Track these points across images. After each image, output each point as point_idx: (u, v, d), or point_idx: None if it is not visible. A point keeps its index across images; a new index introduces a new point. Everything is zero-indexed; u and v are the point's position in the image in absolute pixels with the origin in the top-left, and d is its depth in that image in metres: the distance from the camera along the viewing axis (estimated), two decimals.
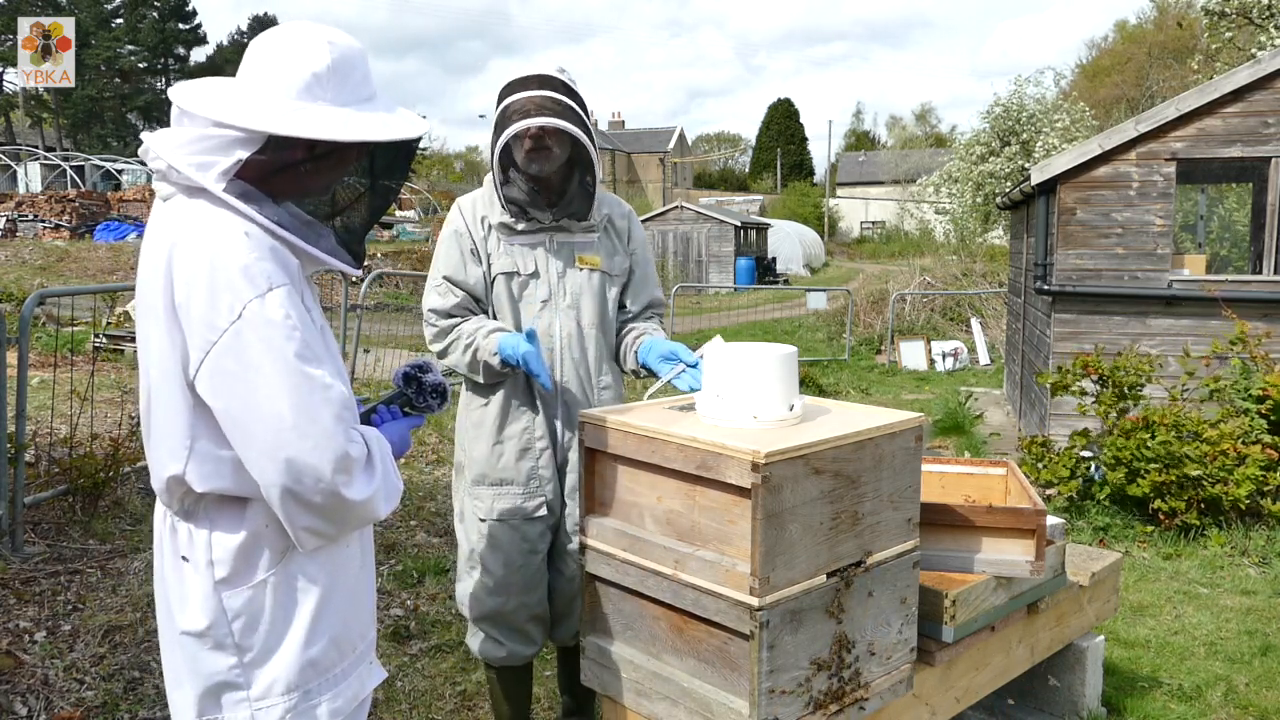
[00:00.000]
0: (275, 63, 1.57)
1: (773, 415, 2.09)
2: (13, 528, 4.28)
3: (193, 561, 1.61)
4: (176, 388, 1.54)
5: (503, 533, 2.67)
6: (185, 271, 1.50)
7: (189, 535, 1.62)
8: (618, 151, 57.36)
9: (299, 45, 1.57)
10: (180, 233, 1.53)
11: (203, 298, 1.48)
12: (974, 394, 10.55)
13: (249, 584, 1.60)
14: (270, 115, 1.53)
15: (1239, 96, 6.70)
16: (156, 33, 52.25)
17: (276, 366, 1.47)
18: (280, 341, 1.48)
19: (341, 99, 1.58)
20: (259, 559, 1.61)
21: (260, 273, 1.49)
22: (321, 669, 1.66)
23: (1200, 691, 3.58)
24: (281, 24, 1.65)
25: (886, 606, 2.17)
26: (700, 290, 25.20)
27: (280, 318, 1.48)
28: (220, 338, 1.47)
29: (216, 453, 1.56)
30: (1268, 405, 5.64)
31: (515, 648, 2.75)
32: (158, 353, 1.56)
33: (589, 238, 2.70)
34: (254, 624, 1.61)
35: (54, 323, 10.72)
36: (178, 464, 1.56)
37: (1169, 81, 32.72)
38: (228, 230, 1.51)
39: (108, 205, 23.71)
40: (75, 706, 3.14)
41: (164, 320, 1.53)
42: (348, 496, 1.52)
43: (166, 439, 1.58)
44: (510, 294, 2.65)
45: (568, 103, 2.47)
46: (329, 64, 1.57)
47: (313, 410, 1.48)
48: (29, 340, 4.59)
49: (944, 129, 61.76)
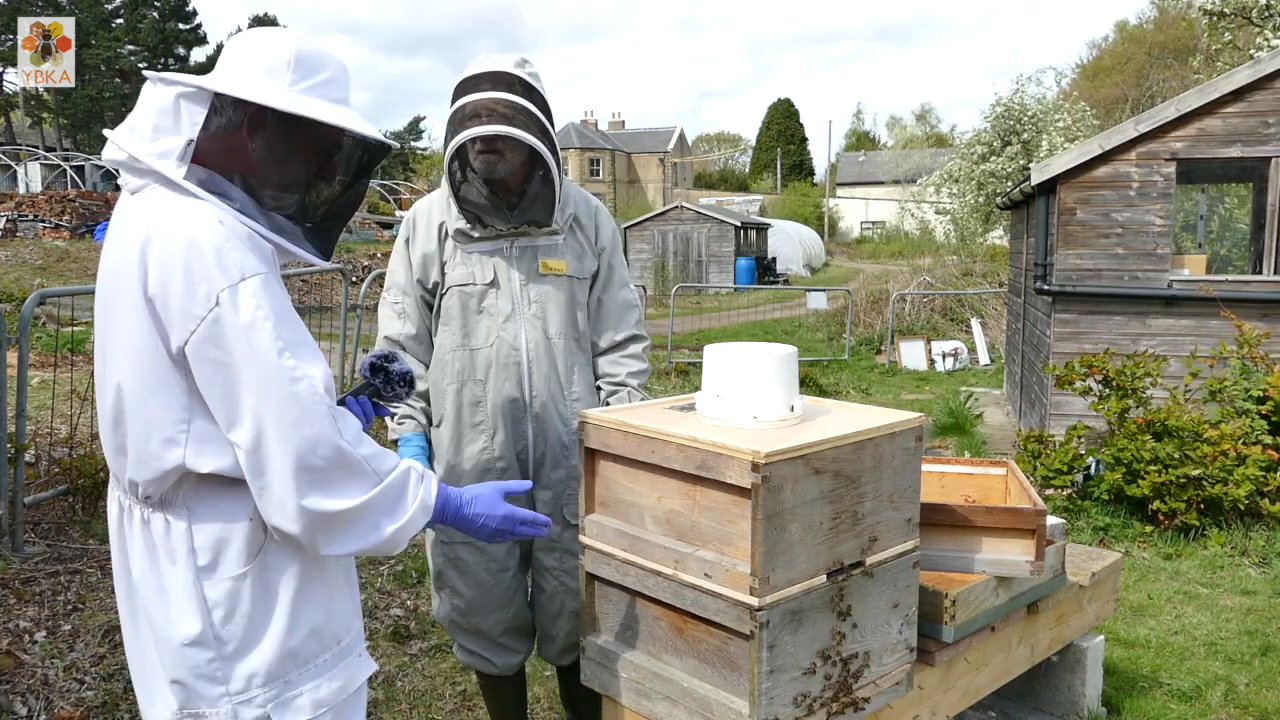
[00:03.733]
0: (242, 54, 1.63)
1: (773, 415, 2.09)
2: (13, 528, 4.28)
3: (170, 553, 1.60)
4: (164, 374, 1.54)
5: (468, 554, 2.57)
6: (160, 260, 1.50)
7: (165, 527, 1.60)
8: (618, 151, 57.36)
9: (268, 36, 1.64)
10: (153, 223, 1.53)
11: (179, 287, 1.49)
12: (974, 394, 10.55)
13: (229, 575, 1.60)
14: (219, 79, 1.58)
15: (1239, 96, 6.70)
16: (156, 33, 52.21)
17: (253, 359, 1.48)
18: (254, 332, 1.49)
19: (301, 88, 1.61)
20: (239, 549, 1.60)
21: (234, 262, 1.50)
22: (302, 660, 1.65)
23: (1200, 692, 3.58)
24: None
25: (886, 607, 2.17)
26: (700, 290, 25.20)
27: (250, 307, 1.49)
28: (198, 326, 1.48)
29: (215, 431, 1.56)
30: (1268, 406, 5.64)
31: (499, 660, 2.68)
32: (133, 345, 1.55)
33: (553, 240, 2.53)
34: (232, 615, 1.60)
35: (54, 323, 10.72)
36: (176, 450, 1.55)
37: (1169, 81, 32.72)
38: (201, 218, 1.52)
39: (108, 205, 23.69)
40: (75, 706, 3.14)
41: (142, 310, 1.53)
42: (323, 509, 1.52)
43: (156, 429, 1.56)
44: (463, 307, 2.51)
45: (523, 104, 2.32)
46: (294, 53, 1.62)
47: (288, 401, 1.49)
48: (29, 340, 4.59)
49: (944, 129, 61.79)
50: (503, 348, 2.52)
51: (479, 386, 2.53)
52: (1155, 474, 5.40)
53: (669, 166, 60.74)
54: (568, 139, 53.31)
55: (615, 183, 54.68)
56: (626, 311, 2.70)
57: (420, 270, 2.56)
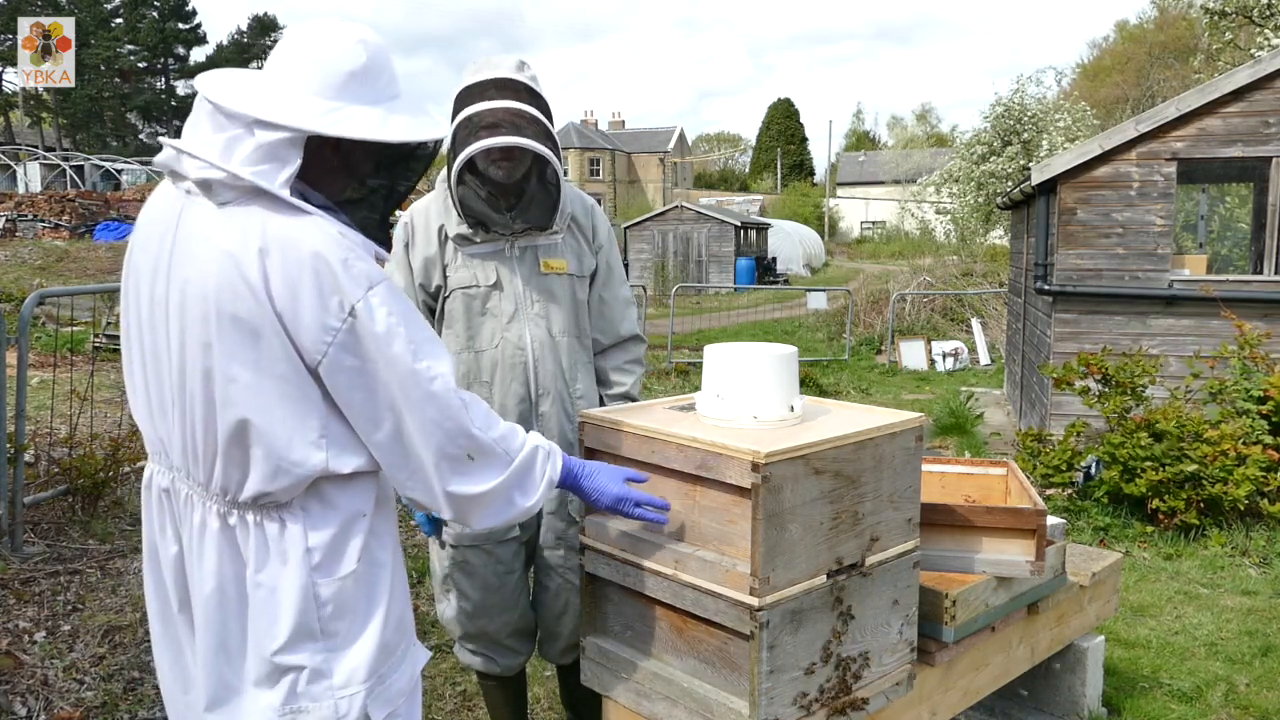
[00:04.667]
0: (309, 60, 1.59)
1: (773, 415, 2.09)
2: (13, 528, 4.28)
3: (282, 554, 1.62)
4: (301, 385, 1.57)
5: (475, 557, 2.58)
6: (285, 275, 1.52)
7: (280, 529, 1.62)
8: (618, 151, 57.35)
9: (333, 43, 1.60)
10: (268, 238, 1.53)
11: (310, 300, 1.52)
12: (974, 394, 10.55)
13: (341, 575, 1.65)
14: (312, 115, 1.56)
15: (1239, 96, 6.70)
16: (156, 32, 52.20)
17: (391, 365, 1.56)
18: (391, 339, 1.56)
19: (373, 98, 1.62)
20: (352, 549, 1.66)
21: (361, 271, 1.55)
22: (390, 650, 1.72)
23: (1200, 692, 3.57)
24: (313, 20, 1.66)
25: (887, 607, 2.17)
26: (700, 290, 25.20)
27: (383, 315, 1.56)
28: (335, 337, 1.54)
29: (349, 432, 1.62)
30: (1269, 406, 5.64)
31: (503, 661, 2.70)
32: (259, 360, 1.55)
33: (553, 239, 2.55)
34: (341, 613, 1.65)
35: (54, 323, 10.72)
36: (319, 454, 1.59)
37: (1169, 81, 32.72)
38: (320, 231, 1.55)
39: (107, 205, 23.71)
40: (75, 706, 3.13)
41: (271, 325, 1.53)
42: (465, 492, 1.66)
43: (298, 437, 1.58)
44: (467, 309, 2.53)
45: (533, 113, 2.34)
46: (364, 63, 1.60)
47: (427, 401, 1.59)
48: (29, 340, 4.59)
49: (944, 129, 61.75)
50: (508, 348, 2.53)
51: (484, 388, 2.54)
52: (1152, 472, 5.40)
53: (669, 166, 60.74)
54: (568, 139, 53.31)
55: (615, 183, 54.69)
56: (627, 308, 2.74)
57: (421, 274, 2.56)
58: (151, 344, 1.65)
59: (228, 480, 1.61)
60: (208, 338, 1.55)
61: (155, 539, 1.74)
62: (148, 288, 1.64)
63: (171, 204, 1.63)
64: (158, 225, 1.64)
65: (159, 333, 1.63)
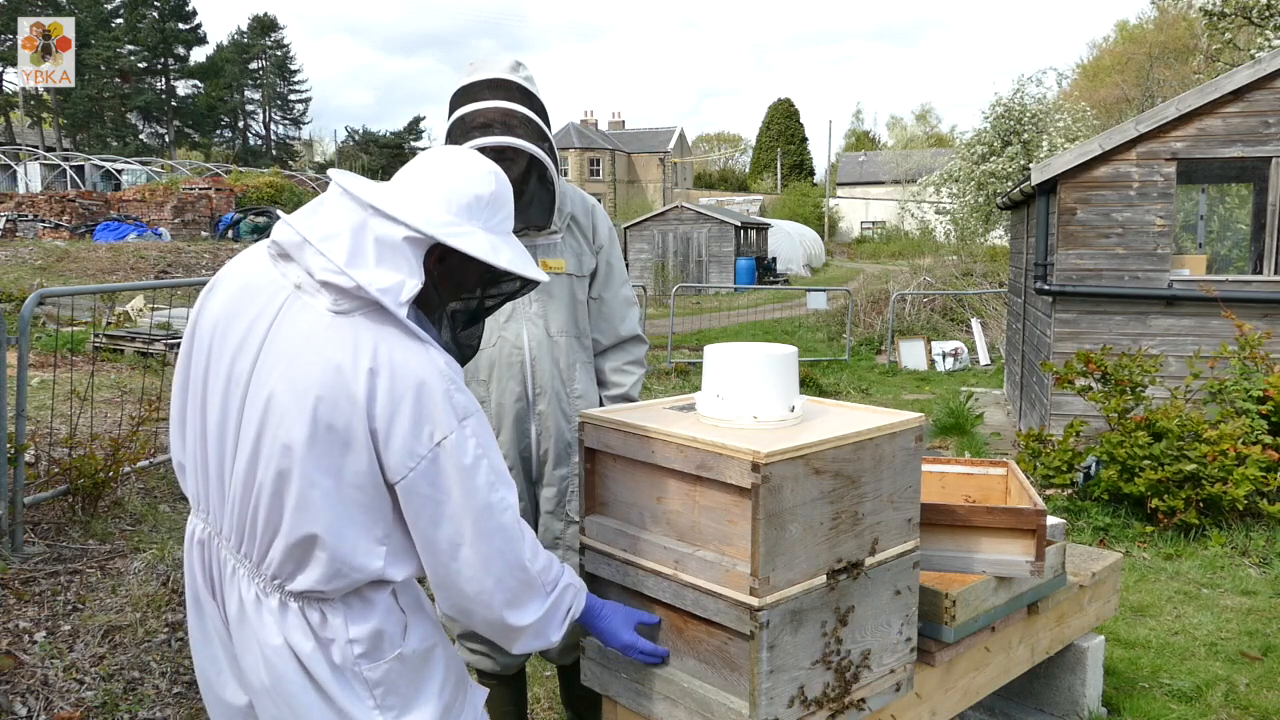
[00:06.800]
0: (443, 177, 1.66)
1: (773, 415, 2.09)
2: (13, 528, 4.28)
3: (326, 642, 1.67)
4: (377, 497, 1.61)
5: None
6: (390, 397, 1.56)
7: (321, 620, 1.66)
8: (618, 151, 57.35)
9: (467, 168, 1.69)
10: (380, 357, 1.56)
11: (406, 425, 1.56)
12: (974, 394, 10.55)
13: (385, 659, 1.69)
14: (437, 224, 1.61)
15: (1239, 96, 6.70)
16: (156, 33, 52.21)
17: (469, 496, 1.61)
18: (475, 472, 1.61)
19: (490, 226, 1.69)
20: (389, 637, 1.70)
21: (459, 404, 1.61)
22: (450, 708, 1.77)
23: (1200, 692, 3.58)
24: (453, 148, 1.77)
25: (887, 607, 2.17)
26: (700, 290, 25.20)
27: (472, 447, 1.61)
28: (419, 464, 1.58)
29: (408, 543, 1.67)
30: (1268, 406, 5.64)
31: (503, 659, 2.69)
32: (342, 469, 1.58)
33: (551, 239, 2.55)
34: (394, 689, 1.70)
35: (54, 323, 10.72)
36: (376, 562, 1.64)
37: (1169, 81, 32.72)
38: (430, 361, 1.59)
39: (108, 205, 23.72)
40: (75, 706, 3.14)
41: (362, 439, 1.57)
42: (512, 623, 1.71)
43: (362, 544, 1.62)
44: None
45: (525, 113, 2.35)
46: (491, 192, 1.69)
47: (496, 533, 1.64)
48: (29, 340, 4.59)
49: (944, 129, 61.79)
50: (505, 347, 2.53)
51: (482, 387, 2.54)
52: (1151, 471, 5.40)
53: (669, 166, 60.75)
54: (568, 139, 53.33)
55: (615, 183, 54.70)
56: (628, 308, 2.73)
57: None
58: (219, 416, 1.66)
59: (281, 571, 1.64)
60: (291, 440, 1.56)
61: (198, 590, 1.78)
62: (229, 358, 1.65)
63: (273, 285, 1.64)
64: (256, 300, 1.65)
65: (230, 409, 1.64)
